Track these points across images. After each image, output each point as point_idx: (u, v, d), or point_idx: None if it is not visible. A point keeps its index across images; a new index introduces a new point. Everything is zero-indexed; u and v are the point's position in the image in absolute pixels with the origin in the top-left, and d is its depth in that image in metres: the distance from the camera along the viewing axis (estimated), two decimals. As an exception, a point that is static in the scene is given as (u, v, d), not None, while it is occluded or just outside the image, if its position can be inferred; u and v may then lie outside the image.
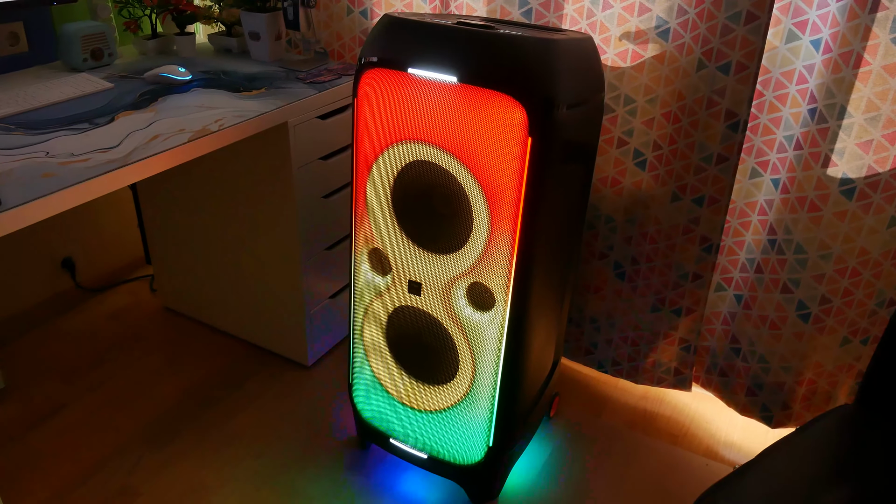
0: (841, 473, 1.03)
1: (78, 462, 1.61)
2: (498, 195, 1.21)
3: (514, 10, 1.63)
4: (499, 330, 1.31)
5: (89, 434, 1.69)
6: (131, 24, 1.89)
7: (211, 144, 1.39)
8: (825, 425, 1.11)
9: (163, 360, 1.95)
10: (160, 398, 1.82)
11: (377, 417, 1.56)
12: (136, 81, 1.68)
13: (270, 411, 1.79)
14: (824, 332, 1.56)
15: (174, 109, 1.50)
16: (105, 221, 2.23)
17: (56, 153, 1.27)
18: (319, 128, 1.70)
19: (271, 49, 1.86)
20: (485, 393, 1.38)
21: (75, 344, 2.01)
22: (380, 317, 1.46)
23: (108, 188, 1.21)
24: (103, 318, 2.13)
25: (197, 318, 2.12)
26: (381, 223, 1.37)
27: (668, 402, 1.87)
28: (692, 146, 1.53)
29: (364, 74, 1.27)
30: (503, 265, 1.26)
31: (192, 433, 1.71)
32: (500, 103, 1.14)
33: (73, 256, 2.16)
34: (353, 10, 1.85)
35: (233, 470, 1.61)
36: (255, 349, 2.01)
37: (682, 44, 1.47)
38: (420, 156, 1.26)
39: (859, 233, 1.43)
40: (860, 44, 1.28)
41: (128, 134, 1.36)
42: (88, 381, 1.87)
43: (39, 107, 1.48)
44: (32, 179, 1.16)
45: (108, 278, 2.30)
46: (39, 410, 1.76)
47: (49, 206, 1.12)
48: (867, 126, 1.33)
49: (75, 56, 1.73)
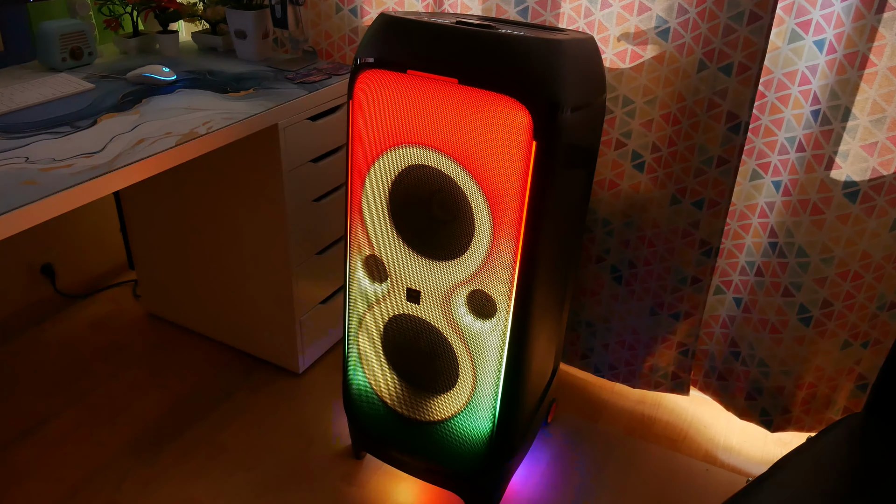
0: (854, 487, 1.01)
1: (62, 479, 1.55)
2: (501, 200, 1.17)
3: (509, 9, 1.59)
4: (500, 338, 1.28)
5: (73, 449, 1.63)
6: (112, 21, 1.82)
7: (199, 148, 1.34)
8: (836, 437, 1.08)
9: (148, 370, 1.89)
10: (146, 410, 1.76)
11: (373, 427, 1.52)
12: (118, 82, 1.62)
13: (261, 422, 1.73)
14: (825, 336, 1.54)
15: (159, 111, 1.44)
16: (86, 225, 2.16)
17: (37, 158, 1.21)
18: (310, 129, 1.65)
19: (258, 48, 1.81)
20: (486, 402, 1.35)
21: (56, 354, 1.94)
22: (376, 325, 1.42)
23: (93, 195, 1.15)
24: (85, 325, 2.06)
25: (183, 325, 2.06)
26: (378, 229, 1.32)
27: (665, 407, 1.85)
28: (692, 149, 1.51)
29: (360, 75, 1.22)
30: (505, 272, 1.22)
31: (181, 446, 1.65)
32: (504, 106, 1.10)
33: (52, 262, 2.08)
34: (342, 8, 1.80)
35: (223, 484, 1.56)
36: (244, 357, 1.96)
37: (682, 44, 1.44)
38: (419, 160, 1.22)
39: (862, 236, 1.42)
40: (866, 45, 1.26)
41: (112, 138, 1.31)
42: (71, 393, 1.80)
43: (17, 109, 1.41)
44: (11, 188, 1.10)
45: (89, 284, 2.23)
46: (20, 424, 1.69)
47: (30, 216, 1.06)
48: (872, 128, 1.32)
49: (53, 55, 1.66)
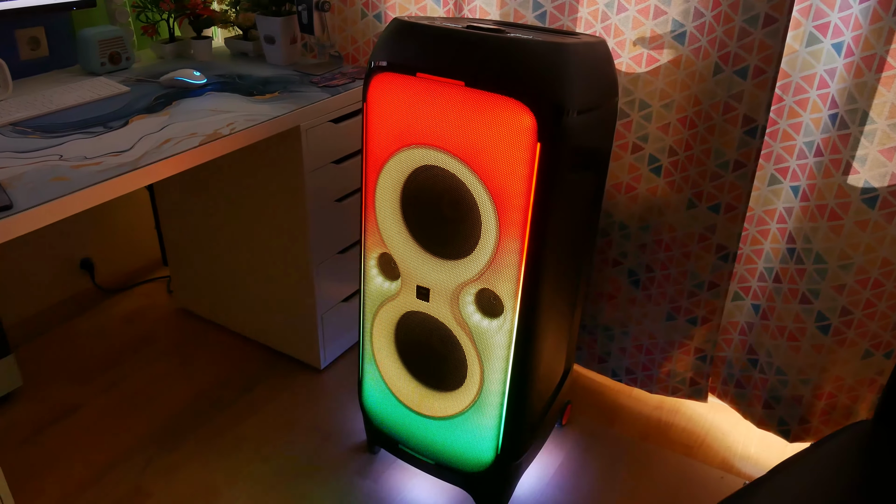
0: (857, 493, 0.99)
1: (90, 463, 1.63)
2: (506, 201, 1.19)
3: (528, 14, 1.62)
4: (507, 337, 1.30)
5: (102, 435, 1.71)
6: (149, 28, 1.91)
7: (221, 148, 1.40)
8: (841, 442, 1.07)
9: (176, 362, 1.96)
10: (172, 400, 1.83)
11: (386, 422, 1.55)
12: (151, 85, 1.69)
13: (281, 415, 1.79)
14: (845, 345, 1.51)
15: (188, 113, 1.51)
16: (123, 224, 2.26)
17: (69, 156, 1.28)
18: (332, 131, 1.69)
19: (286, 53, 1.87)
20: (493, 400, 1.37)
21: (92, 344, 2.03)
22: (389, 322, 1.45)
23: (118, 191, 1.22)
24: (120, 318, 2.15)
25: (212, 320, 2.13)
26: (391, 228, 1.36)
27: (683, 413, 1.83)
28: (708, 152, 1.50)
29: (374, 78, 1.26)
30: (512, 271, 1.24)
31: (203, 435, 1.71)
32: (509, 108, 1.12)
33: (92, 258, 2.18)
34: (367, 14, 1.84)
35: (241, 472, 1.61)
36: (268, 352, 2.02)
37: (698, 48, 1.44)
38: (429, 160, 1.25)
39: (882, 243, 1.39)
40: (883, 47, 1.24)
41: (140, 137, 1.37)
42: (103, 382, 1.89)
43: (56, 110, 1.50)
44: (44, 183, 1.17)
45: (125, 279, 2.32)
46: (54, 411, 1.78)
47: (59, 210, 1.13)
48: (891, 132, 1.29)
49: (93, 60, 1.75)
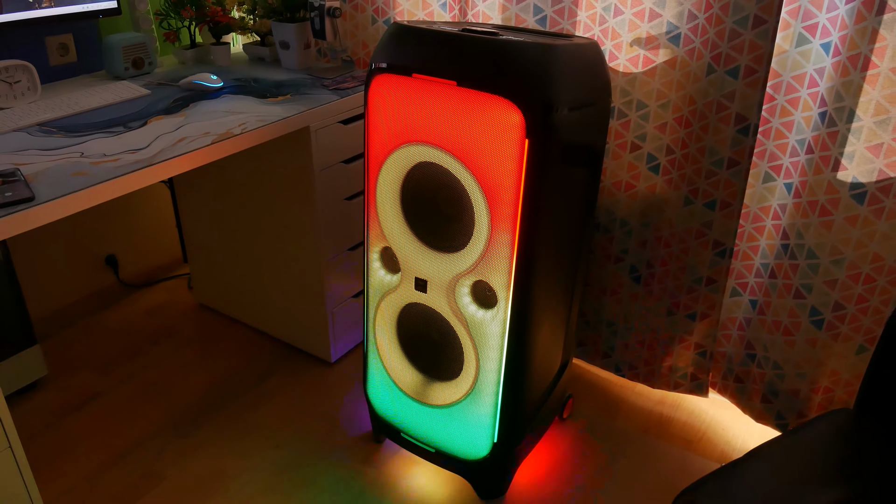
0: (832, 475, 1.02)
1: (110, 446, 1.71)
2: (497, 195, 1.24)
3: (529, 18, 1.67)
4: (501, 327, 1.35)
5: (120, 422, 1.79)
6: (170, 34, 2.01)
7: (232, 147, 1.47)
8: (818, 427, 1.10)
9: (194, 355, 2.05)
10: (189, 390, 1.91)
11: (389, 411, 1.61)
12: (171, 88, 1.78)
13: (292, 405, 1.86)
14: (839, 340, 1.53)
15: (203, 114, 1.59)
16: (146, 222, 2.36)
17: (90, 154, 1.36)
18: (341, 132, 1.76)
19: (300, 57, 1.95)
20: (488, 389, 1.41)
21: (114, 337, 2.13)
22: (391, 313, 1.51)
23: (133, 186, 1.30)
24: (142, 313, 2.24)
25: (230, 315, 2.22)
26: (391, 222, 1.42)
27: (684, 408, 1.86)
28: (703, 150, 1.54)
29: (374, 80, 1.33)
30: (504, 264, 1.29)
31: (217, 423, 1.79)
32: (498, 106, 1.18)
33: (116, 254, 2.28)
34: (377, 20, 1.91)
35: (251, 459, 1.68)
36: (282, 346, 2.09)
37: (692, 48, 1.48)
38: (425, 157, 1.31)
39: (872, 238, 1.41)
40: (867, 46, 1.27)
41: (157, 136, 1.46)
42: (124, 372, 1.98)
43: (80, 112, 1.59)
44: (64, 177, 1.25)
45: (148, 275, 2.42)
46: (76, 398, 1.88)
47: (76, 202, 1.21)
48: (877, 129, 1.32)
49: (118, 65, 1.85)
